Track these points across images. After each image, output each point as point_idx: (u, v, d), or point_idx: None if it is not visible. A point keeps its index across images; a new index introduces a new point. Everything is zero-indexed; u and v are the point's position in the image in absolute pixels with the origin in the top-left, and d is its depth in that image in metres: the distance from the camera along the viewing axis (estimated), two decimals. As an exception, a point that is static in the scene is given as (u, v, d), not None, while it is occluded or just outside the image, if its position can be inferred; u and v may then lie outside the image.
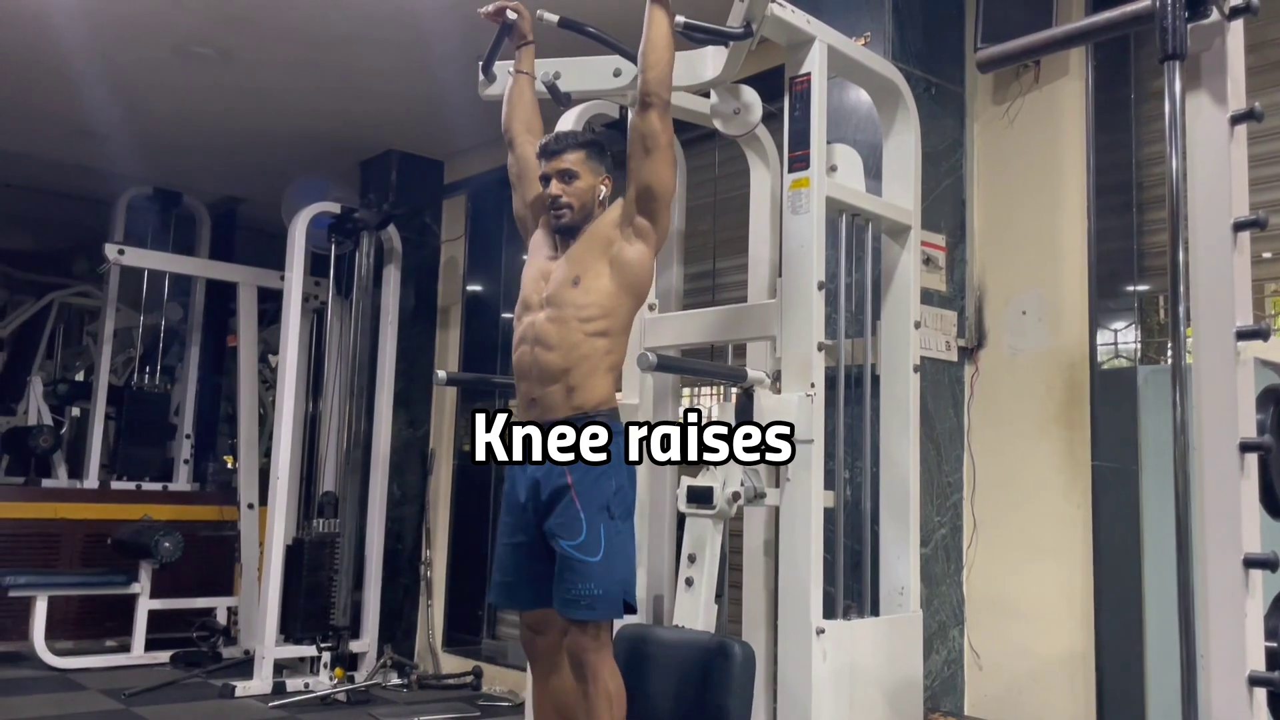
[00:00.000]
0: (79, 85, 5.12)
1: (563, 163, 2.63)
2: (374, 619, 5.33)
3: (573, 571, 2.46)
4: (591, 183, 2.64)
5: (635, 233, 2.58)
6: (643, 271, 2.61)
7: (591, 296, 2.54)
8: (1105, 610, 3.13)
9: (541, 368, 2.55)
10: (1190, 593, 1.73)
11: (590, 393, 2.52)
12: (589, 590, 2.44)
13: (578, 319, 2.53)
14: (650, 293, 3.20)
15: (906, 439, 3.02)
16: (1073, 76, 3.35)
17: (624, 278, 2.57)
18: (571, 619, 2.49)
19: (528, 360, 2.58)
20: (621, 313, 2.58)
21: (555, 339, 2.53)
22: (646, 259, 2.60)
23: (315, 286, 5.67)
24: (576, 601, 2.46)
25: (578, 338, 2.52)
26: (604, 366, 2.55)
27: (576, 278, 2.56)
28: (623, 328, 2.60)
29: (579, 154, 2.63)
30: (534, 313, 2.60)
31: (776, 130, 3.16)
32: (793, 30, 2.71)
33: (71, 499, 6.07)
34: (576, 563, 2.45)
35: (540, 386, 2.55)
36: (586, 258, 2.59)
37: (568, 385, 2.52)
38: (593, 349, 2.53)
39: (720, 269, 4.22)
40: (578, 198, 2.62)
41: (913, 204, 3.10)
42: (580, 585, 2.45)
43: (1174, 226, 1.78)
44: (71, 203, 7.46)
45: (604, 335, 2.54)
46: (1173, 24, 1.78)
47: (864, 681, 2.71)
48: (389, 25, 4.35)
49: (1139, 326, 3.31)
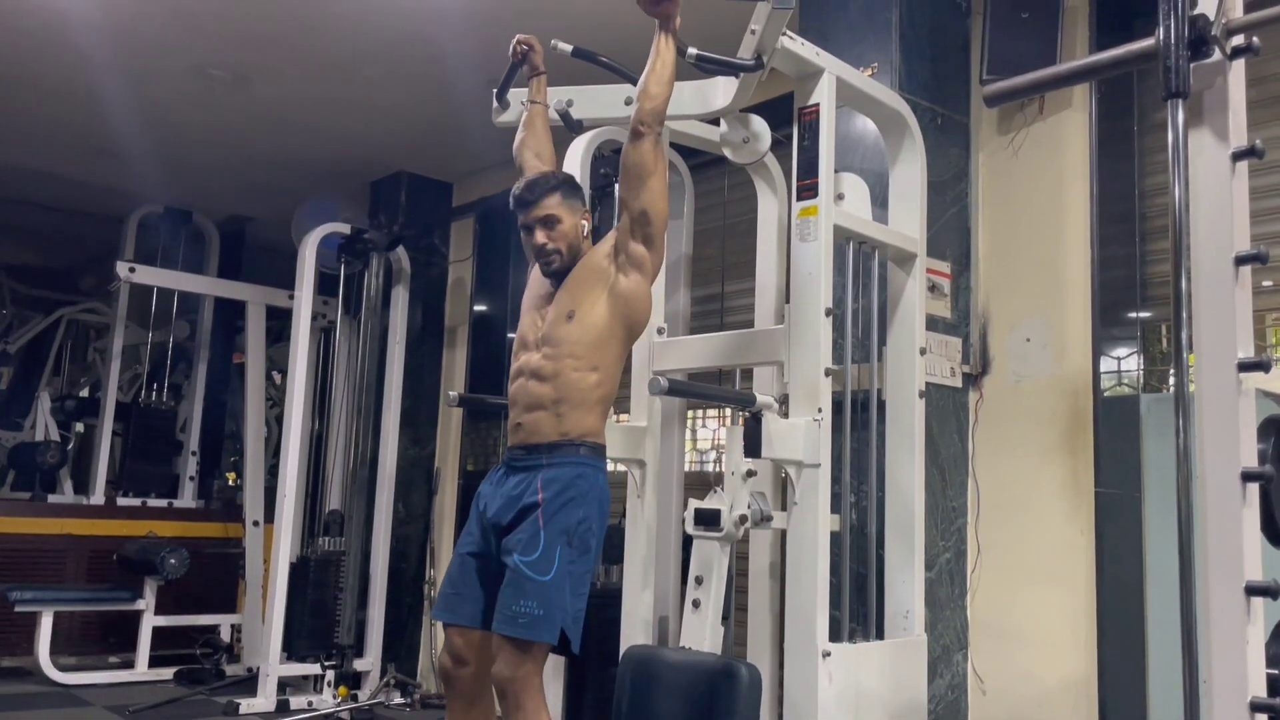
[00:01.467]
0: (96, 105, 5.20)
1: (541, 210, 2.63)
2: (378, 637, 5.34)
3: (519, 588, 2.40)
4: (573, 222, 2.65)
5: (630, 262, 2.58)
6: (638, 303, 2.60)
7: (585, 332, 2.55)
8: (1108, 636, 3.15)
9: (533, 398, 2.57)
10: (1193, 619, 1.76)
11: (578, 423, 2.54)
12: (530, 609, 2.37)
13: (571, 355, 2.54)
14: (659, 316, 3.24)
15: (912, 464, 3.05)
16: (1076, 108, 3.40)
17: (619, 310, 2.57)
18: (505, 634, 2.39)
19: (521, 392, 2.60)
20: (614, 345, 2.58)
21: (548, 373, 2.55)
22: (642, 289, 2.59)
23: (324, 305, 5.71)
24: (515, 618, 2.38)
25: (571, 375, 2.53)
26: (593, 399, 2.55)
27: (571, 312, 2.58)
28: (615, 360, 2.60)
29: (554, 197, 2.64)
30: (530, 351, 2.62)
31: (784, 157, 3.21)
32: (802, 62, 2.76)
33: (77, 515, 6.10)
34: (525, 579, 2.39)
35: (528, 413, 2.57)
36: (580, 291, 2.60)
37: (557, 413, 2.53)
38: (584, 382, 2.54)
39: (729, 293, 4.27)
40: (563, 241, 2.63)
41: (918, 232, 3.14)
42: (523, 602, 2.38)
43: (1177, 260, 1.82)
44: (81, 220, 7.52)
45: (595, 370, 2.55)
46: (1176, 63, 1.83)
47: (869, 705, 2.73)
48: (401, 49, 4.42)
49: (1142, 354, 3.35)
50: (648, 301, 2.64)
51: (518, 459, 2.58)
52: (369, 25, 4.23)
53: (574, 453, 2.53)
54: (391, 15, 4.13)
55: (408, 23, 4.18)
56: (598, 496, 2.54)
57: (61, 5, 4.16)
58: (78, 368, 8.52)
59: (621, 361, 2.64)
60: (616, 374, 2.63)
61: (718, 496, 2.76)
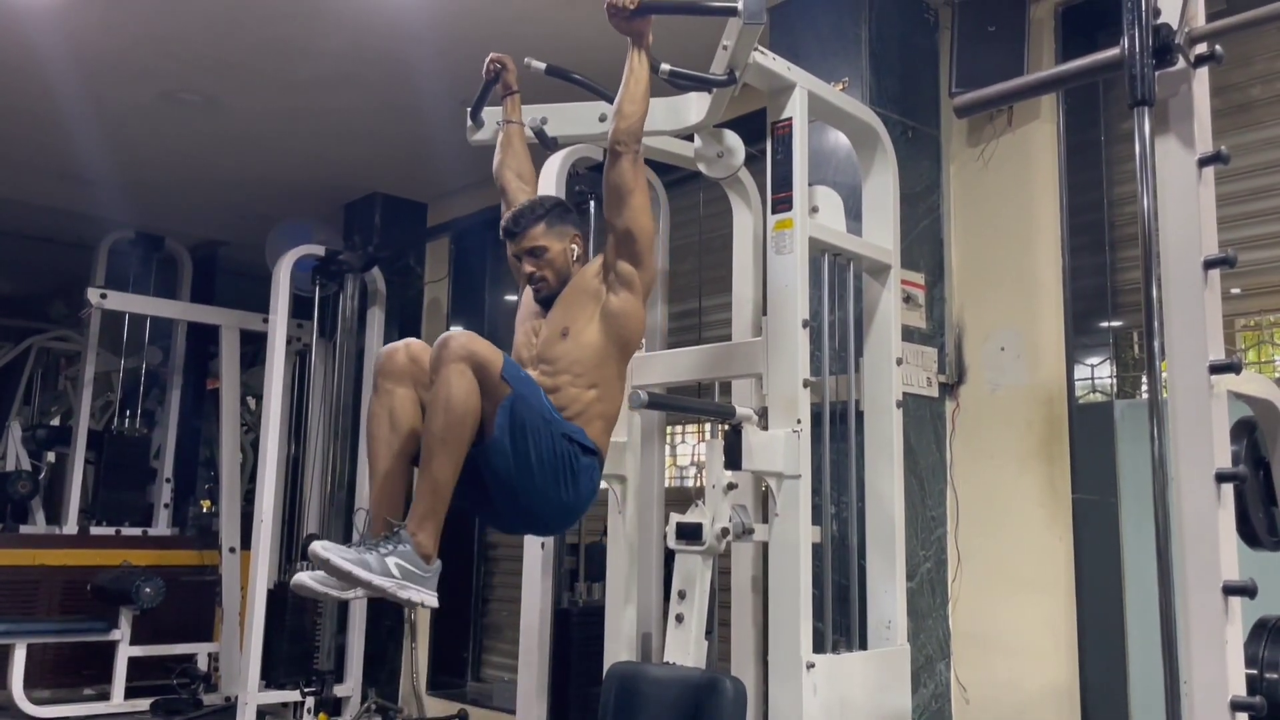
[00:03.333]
0: (64, 130, 5.16)
1: (527, 241, 2.64)
2: (358, 663, 5.30)
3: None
4: (561, 247, 2.66)
5: (620, 281, 2.58)
6: (630, 321, 2.59)
7: (581, 350, 2.55)
8: (1089, 641, 3.17)
9: None
10: (1172, 621, 1.78)
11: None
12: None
13: (568, 372, 2.54)
14: (637, 333, 3.24)
15: (891, 474, 3.06)
16: (1044, 120, 3.45)
17: (612, 329, 2.57)
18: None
19: None
20: (611, 363, 2.58)
21: (546, 388, 2.54)
22: (633, 307, 2.59)
23: (298, 329, 5.68)
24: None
25: (569, 390, 2.53)
26: (593, 413, 2.54)
27: (565, 329, 2.58)
28: (614, 378, 2.60)
29: (539, 227, 2.65)
30: (527, 368, 2.62)
31: (758, 172, 3.23)
32: (774, 77, 2.78)
33: (50, 545, 6.02)
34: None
35: None
36: (573, 309, 2.61)
37: None
38: (583, 397, 2.53)
39: (706, 307, 4.28)
40: (550, 268, 2.65)
41: (892, 243, 3.16)
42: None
43: (1147, 265, 1.85)
44: (51, 247, 7.45)
45: (594, 386, 2.55)
46: (1141, 71, 1.86)
47: (854, 715, 2.73)
48: (373, 70, 4.42)
49: (1114, 361, 3.38)
50: (640, 319, 2.63)
51: None
52: (340, 47, 4.23)
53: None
54: (362, 36, 4.14)
55: (379, 44, 4.18)
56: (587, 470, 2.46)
57: (28, 31, 4.14)
58: (49, 396, 8.41)
59: (621, 380, 2.63)
60: (618, 391, 2.61)
61: (699, 510, 2.76)
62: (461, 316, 5.93)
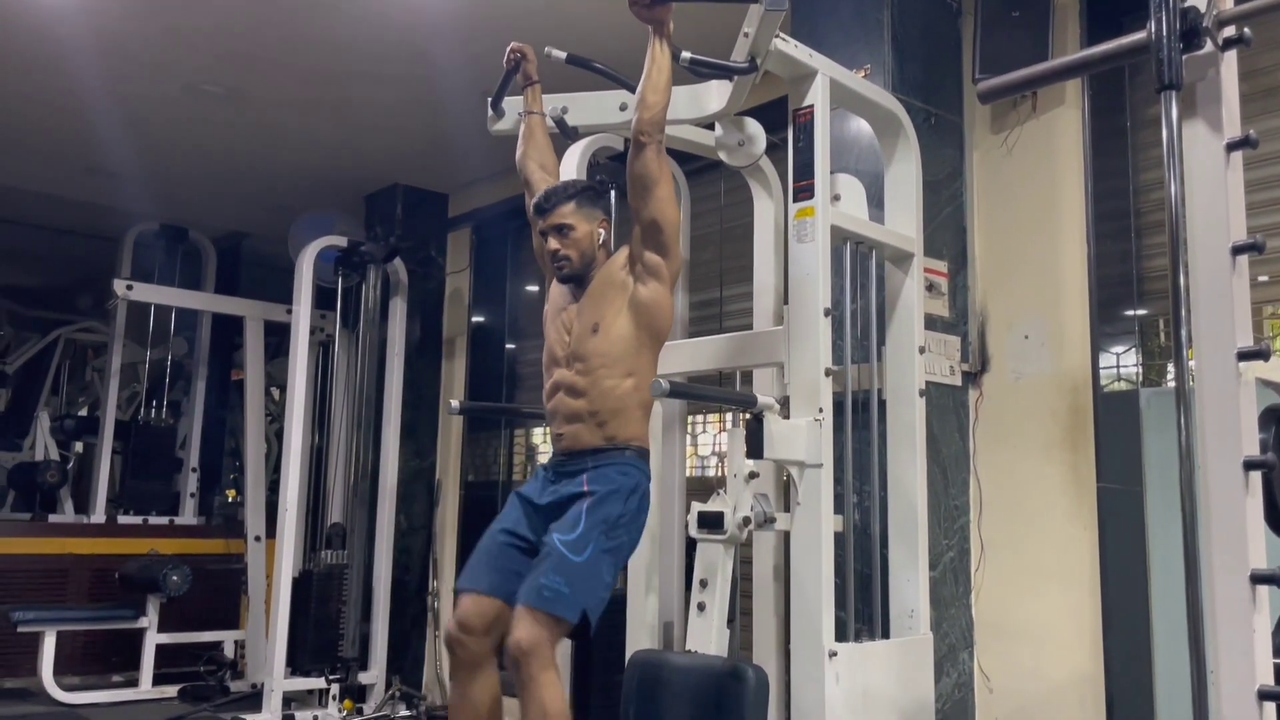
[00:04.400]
0: (90, 124, 5.20)
1: (556, 218, 2.69)
2: (382, 650, 5.33)
3: (552, 563, 2.42)
4: (588, 229, 2.70)
5: (647, 271, 2.62)
6: (659, 310, 2.63)
7: (613, 344, 2.59)
8: (1114, 631, 3.15)
9: (571, 411, 2.62)
10: (1199, 610, 1.76)
11: (620, 428, 2.59)
12: (558, 585, 2.39)
13: (603, 366, 2.58)
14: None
15: (913, 463, 3.05)
16: (1069, 105, 3.41)
17: (642, 319, 2.61)
18: (528, 605, 2.39)
19: (560, 405, 2.65)
20: (644, 353, 2.63)
21: (582, 387, 2.60)
22: (661, 296, 2.63)
23: (321, 319, 5.71)
24: (540, 590, 2.39)
25: (606, 384, 2.58)
26: (632, 404, 2.60)
27: (596, 325, 2.62)
28: (648, 366, 2.64)
29: (569, 205, 2.69)
30: (562, 368, 2.66)
31: (779, 160, 3.22)
32: (796, 64, 2.77)
33: (78, 534, 6.09)
34: (559, 556, 2.42)
35: (568, 424, 2.63)
36: (602, 303, 2.64)
37: (597, 423, 2.59)
38: (622, 390, 2.59)
39: (727, 296, 4.28)
40: (575, 248, 2.69)
41: (915, 231, 3.15)
42: (553, 576, 2.40)
43: (1174, 251, 1.83)
44: (77, 239, 7.53)
45: (630, 375, 2.59)
46: (1168, 55, 1.84)
47: (876, 704, 2.73)
48: (395, 62, 4.43)
49: (1140, 349, 3.35)
50: (669, 307, 2.68)
51: (562, 464, 2.63)
52: (361, 39, 4.24)
53: (619, 455, 2.58)
54: (384, 28, 4.14)
55: (400, 35, 4.19)
56: (639, 495, 2.58)
57: (52, 25, 4.17)
58: (76, 387, 8.51)
59: (654, 368, 2.68)
60: (652, 379, 2.65)
61: (720, 499, 2.76)
62: (483, 306, 5.95)
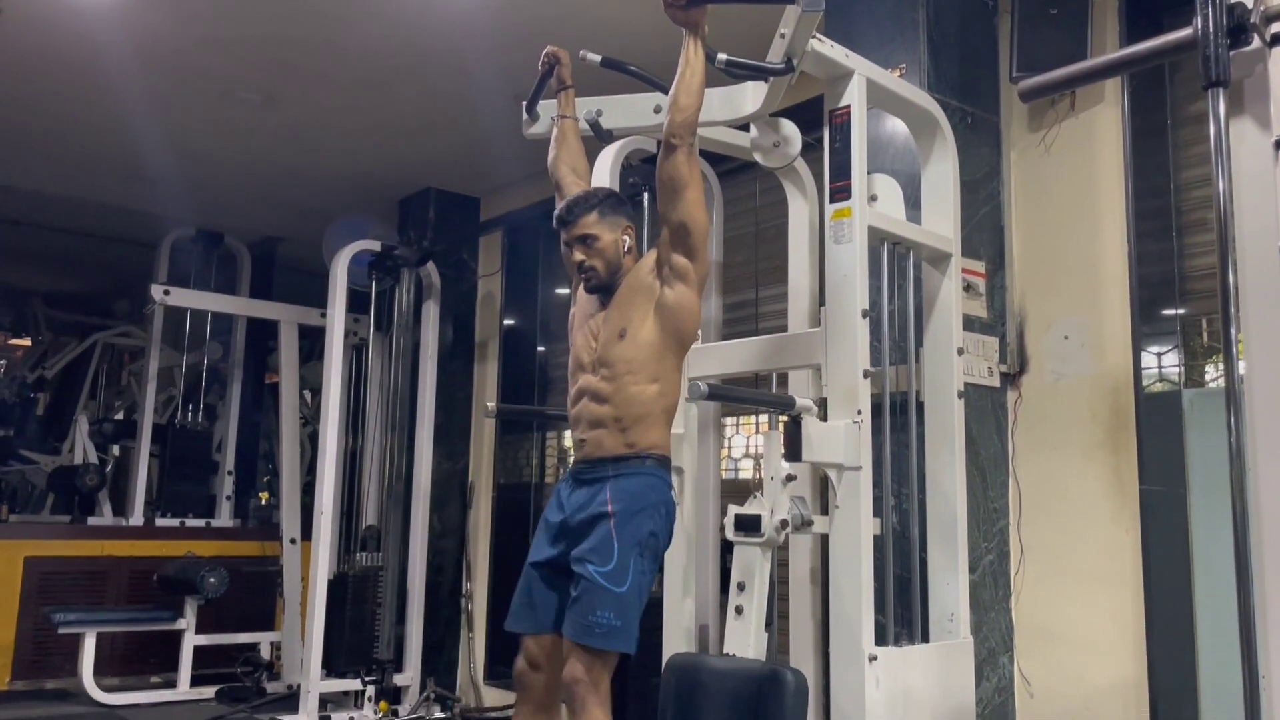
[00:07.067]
0: (127, 130, 5.26)
1: (579, 229, 2.68)
2: (417, 652, 5.35)
3: (595, 597, 2.42)
4: (612, 238, 2.68)
5: (674, 274, 2.59)
6: (685, 314, 2.61)
7: (640, 349, 2.58)
8: (1157, 634, 3.11)
9: (595, 417, 2.61)
10: (1250, 612, 1.73)
11: (643, 435, 2.57)
12: (608, 619, 2.40)
13: (629, 372, 2.57)
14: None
15: (952, 465, 3.03)
16: (1109, 103, 3.37)
17: (668, 322, 2.59)
18: (581, 644, 2.43)
19: (584, 411, 2.64)
20: (669, 358, 2.61)
21: (607, 393, 2.59)
22: (688, 299, 2.60)
23: (355, 323, 5.75)
24: (591, 628, 2.41)
25: (631, 390, 2.56)
26: (656, 410, 2.58)
27: (623, 330, 2.60)
28: (673, 371, 2.63)
29: (592, 216, 2.68)
30: (588, 374, 2.65)
31: (813, 160, 3.21)
32: (832, 64, 2.76)
33: (117, 536, 6.15)
34: (601, 590, 2.43)
35: (591, 430, 2.61)
36: (629, 309, 2.62)
37: (620, 429, 2.57)
38: (644, 394, 2.57)
39: (762, 298, 4.26)
40: (600, 257, 2.68)
41: (952, 232, 3.12)
42: (600, 612, 2.41)
43: (1223, 249, 1.80)
44: (114, 245, 7.62)
45: (655, 380, 2.58)
46: (1215, 52, 1.82)
47: (917, 708, 2.71)
48: (427, 67, 4.45)
49: (1182, 350, 3.31)
50: (696, 311, 2.65)
51: (583, 472, 2.62)
52: (395, 45, 4.27)
53: (640, 465, 2.56)
54: (417, 34, 4.17)
55: (433, 41, 4.21)
56: (665, 508, 2.58)
57: (91, 32, 4.23)
58: (113, 391, 8.62)
59: (679, 373, 2.67)
60: (676, 384, 2.65)
61: (757, 502, 2.75)
62: (514, 309, 5.97)
